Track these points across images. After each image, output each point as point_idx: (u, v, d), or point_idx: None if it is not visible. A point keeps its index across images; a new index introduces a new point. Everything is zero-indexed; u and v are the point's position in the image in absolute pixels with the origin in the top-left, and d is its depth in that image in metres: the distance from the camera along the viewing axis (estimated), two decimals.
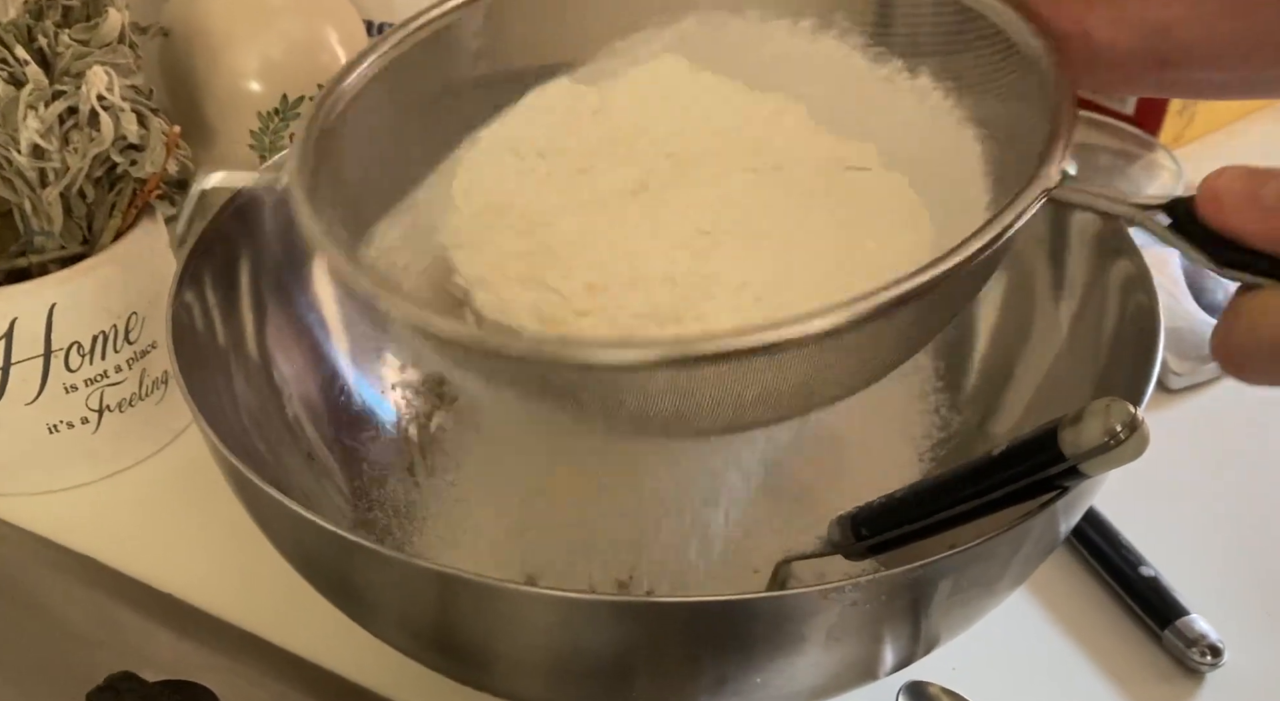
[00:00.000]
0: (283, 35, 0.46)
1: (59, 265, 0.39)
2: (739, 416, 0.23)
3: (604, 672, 0.26)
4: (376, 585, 0.27)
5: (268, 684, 0.34)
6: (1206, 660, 0.34)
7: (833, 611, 0.23)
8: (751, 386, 0.22)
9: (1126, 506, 0.38)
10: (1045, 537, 0.26)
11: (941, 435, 0.37)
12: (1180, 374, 0.44)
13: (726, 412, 0.23)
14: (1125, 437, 0.22)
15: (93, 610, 0.37)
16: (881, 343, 0.23)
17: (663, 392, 0.22)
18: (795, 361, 0.22)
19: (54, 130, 0.37)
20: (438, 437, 0.39)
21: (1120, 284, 0.32)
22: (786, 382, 0.22)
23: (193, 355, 0.32)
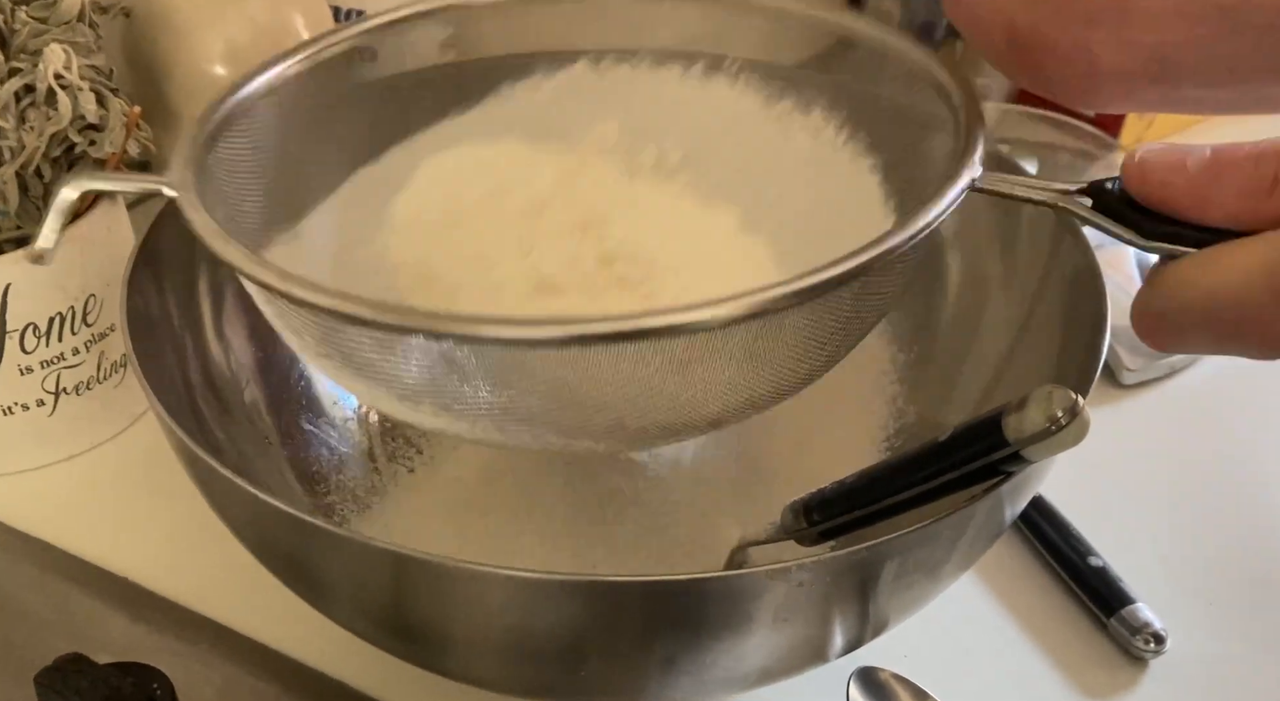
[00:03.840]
0: (248, 19, 0.46)
1: (14, 245, 0.38)
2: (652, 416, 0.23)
3: (555, 653, 0.26)
4: (331, 567, 0.27)
5: (221, 667, 0.33)
6: (1150, 647, 0.35)
7: (779, 591, 0.23)
8: (671, 380, 0.22)
9: (1077, 498, 0.39)
10: (990, 522, 0.27)
11: (897, 425, 0.37)
12: (1133, 369, 0.45)
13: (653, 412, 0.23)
14: (1066, 423, 0.22)
15: (44, 593, 0.36)
16: (809, 334, 0.24)
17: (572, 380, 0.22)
18: (717, 351, 0.22)
19: (10, 108, 0.36)
20: (399, 424, 0.39)
21: (1070, 278, 0.33)
22: (708, 377, 0.22)
23: (149, 339, 0.31)
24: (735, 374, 0.23)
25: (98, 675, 0.30)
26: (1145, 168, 0.22)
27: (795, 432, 0.37)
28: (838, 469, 0.29)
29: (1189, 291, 0.21)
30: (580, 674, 0.27)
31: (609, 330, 0.21)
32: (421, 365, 0.23)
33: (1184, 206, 0.21)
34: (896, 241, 0.22)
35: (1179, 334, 0.22)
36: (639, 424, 0.24)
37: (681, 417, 0.24)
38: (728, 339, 0.22)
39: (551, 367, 0.22)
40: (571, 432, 0.24)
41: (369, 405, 0.26)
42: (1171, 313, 0.22)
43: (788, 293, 0.21)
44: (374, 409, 0.26)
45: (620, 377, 0.22)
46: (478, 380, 0.23)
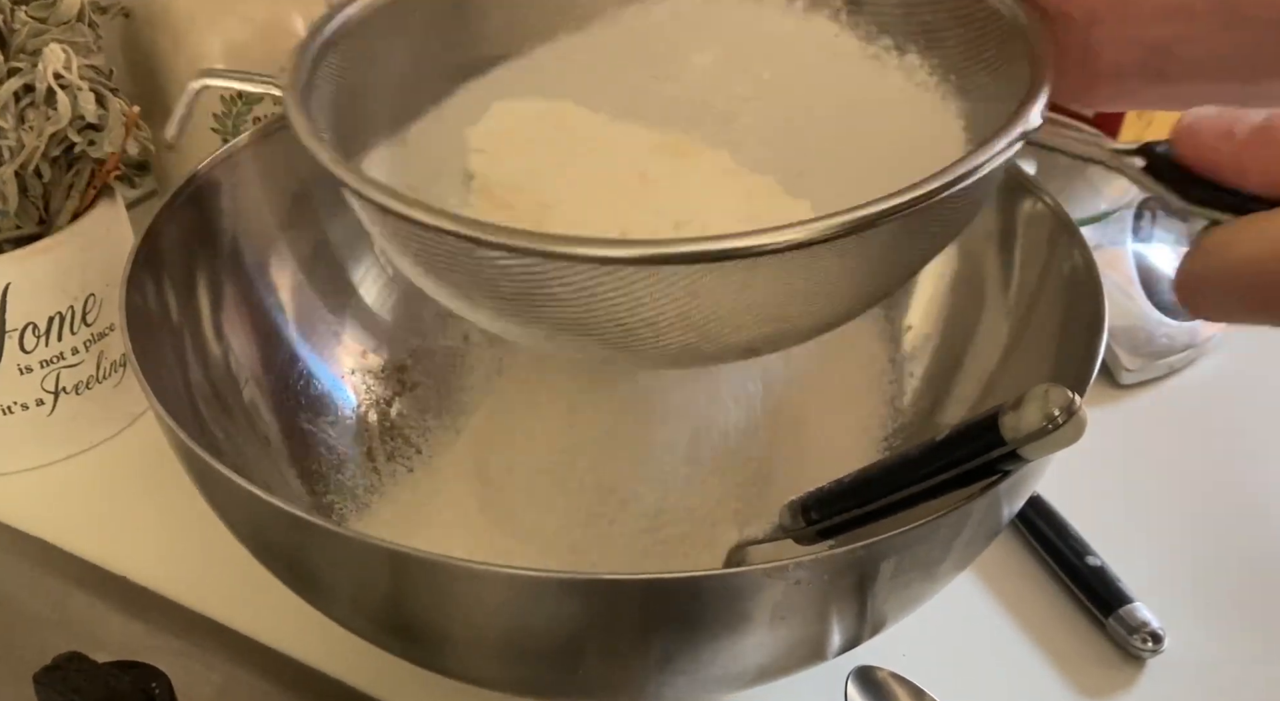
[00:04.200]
0: (246, 18, 0.46)
1: (14, 245, 0.38)
2: (706, 335, 0.24)
3: (553, 651, 0.26)
4: (330, 565, 0.27)
5: (220, 666, 0.33)
6: (1148, 647, 0.35)
7: (777, 590, 0.24)
8: (724, 298, 0.23)
9: (1075, 497, 0.39)
10: (988, 521, 0.27)
11: (895, 424, 0.37)
12: (1132, 370, 0.45)
13: (694, 330, 0.23)
14: (1063, 422, 0.22)
15: (43, 592, 0.36)
16: (859, 264, 0.24)
17: (637, 297, 0.23)
18: (770, 273, 0.22)
19: (9, 108, 0.36)
20: (397, 423, 0.39)
21: (1068, 277, 0.33)
22: (757, 298, 0.23)
23: (148, 338, 0.31)
24: (781, 299, 0.24)
25: (96, 674, 0.30)
26: (1194, 132, 0.22)
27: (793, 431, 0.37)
28: (835, 468, 0.29)
29: (1228, 257, 0.21)
30: (578, 672, 0.27)
31: (700, 249, 0.21)
32: (499, 278, 0.24)
33: (1228, 172, 0.21)
34: (942, 182, 0.22)
35: (1214, 301, 0.22)
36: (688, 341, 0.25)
37: (726, 343, 0.25)
38: (791, 261, 0.23)
39: (623, 285, 0.23)
40: (619, 347, 0.25)
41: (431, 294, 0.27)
42: (1211, 277, 0.21)
43: (836, 224, 0.21)
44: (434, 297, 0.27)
45: (687, 296, 0.23)
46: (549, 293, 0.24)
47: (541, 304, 0.24)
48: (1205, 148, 0.22)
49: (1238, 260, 0.21)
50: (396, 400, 0.40)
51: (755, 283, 0.23)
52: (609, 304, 0.23)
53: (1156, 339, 0.45)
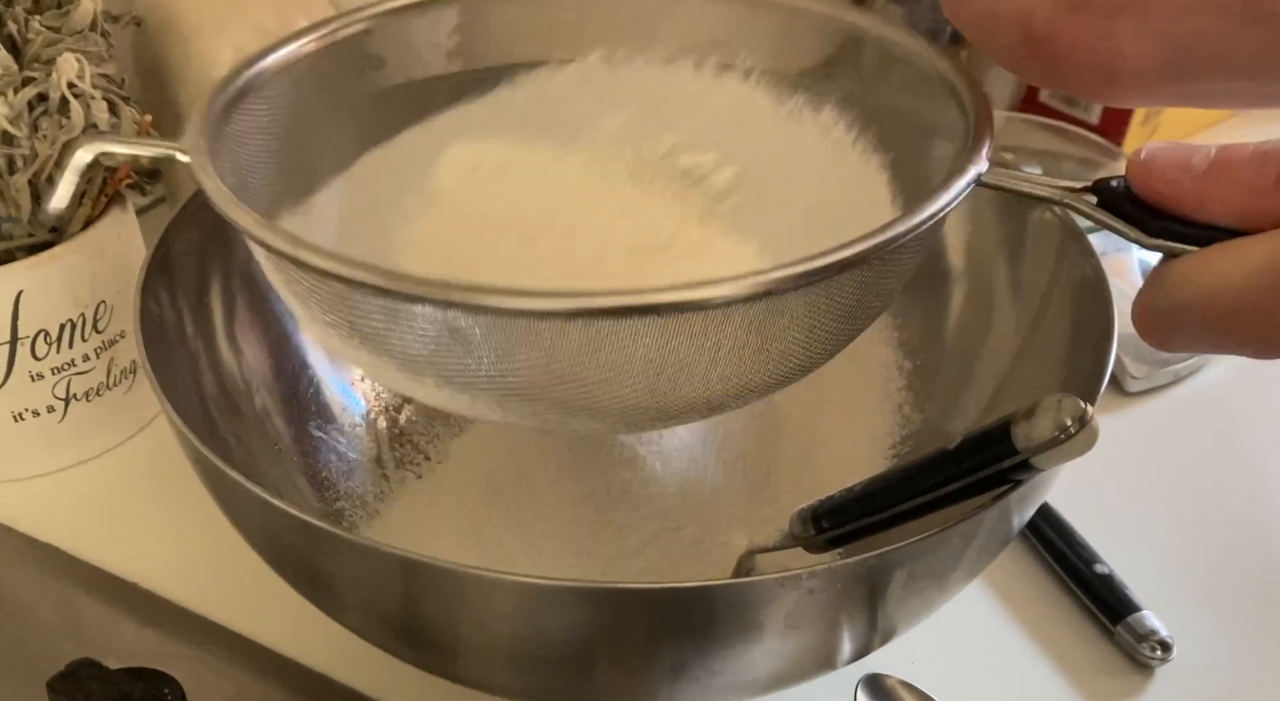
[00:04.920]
0: (255, 26, 0.46)
1: (26, 252, 0.38)
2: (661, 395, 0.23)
3: (565, 659, 0.26)
4: (342, 572, 0.27)
5: (232, 673, 0.34)
6: (1156, 655, 0.35)
7: (789, 599, 0.24)
8: (672, 358, 0.22)
9: (1083, 505, 0.39)
10: (999, 530, 0.27)
11: (904, 432, 0.37)
12: (1137, 377, 0.45)
13: (644, 391, 0.23)
14: (1075, 432, 0.22)
15: (55, 599, 0.37)
16: (812, 318, 0.24)
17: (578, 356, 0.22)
18: (714, 330, 0.22)
19: (23, 117, 0.36)
20: (406, 430, 0.39)
21: (1077, 286, 0.33)
22: (710, 357, 0.23)
23: (161, 344, 0.32)
24: (733, 357, 0.23)
25: (109, 680, 0.30)
26: (1150, 165, 0.22)
27: (802, 439, 0.37)
28: (844, 476, 0.29)
29: (1190, 289, 0.21)
30: (590, 680, 0.27)
31: (614, 304, 0.21)
32: (426, 336, 0.23)
33: (1188, 204, 0.21)
34: (900, 230, 0.22)
35: (1180, 332, 0.22)
36: (638, 403, 0.24)
37: (681, 398, 0.24)
38: (728, 319, 0.22)
39: (553, 342, 0.22)
40: (570, 410, 0.24)
41: (371, 377, 0.26)
42: (1173, 310, 0.22)
43: (789, 275, 0.21)
44: (375, 380, 0.26)
45: (620, 355, 0.22)
46: (481, 352, 0.23)
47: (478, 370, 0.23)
48: (1164, 181, 0.22)
49: (1206, 290, 0.21)
50: (405, 407, 0.40)
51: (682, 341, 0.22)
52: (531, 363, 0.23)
53: None
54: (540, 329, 0.22)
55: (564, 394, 0.24)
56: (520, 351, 0.23)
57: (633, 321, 0.22)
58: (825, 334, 0.24)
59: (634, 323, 0.22)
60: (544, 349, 0.22)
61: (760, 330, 0.23)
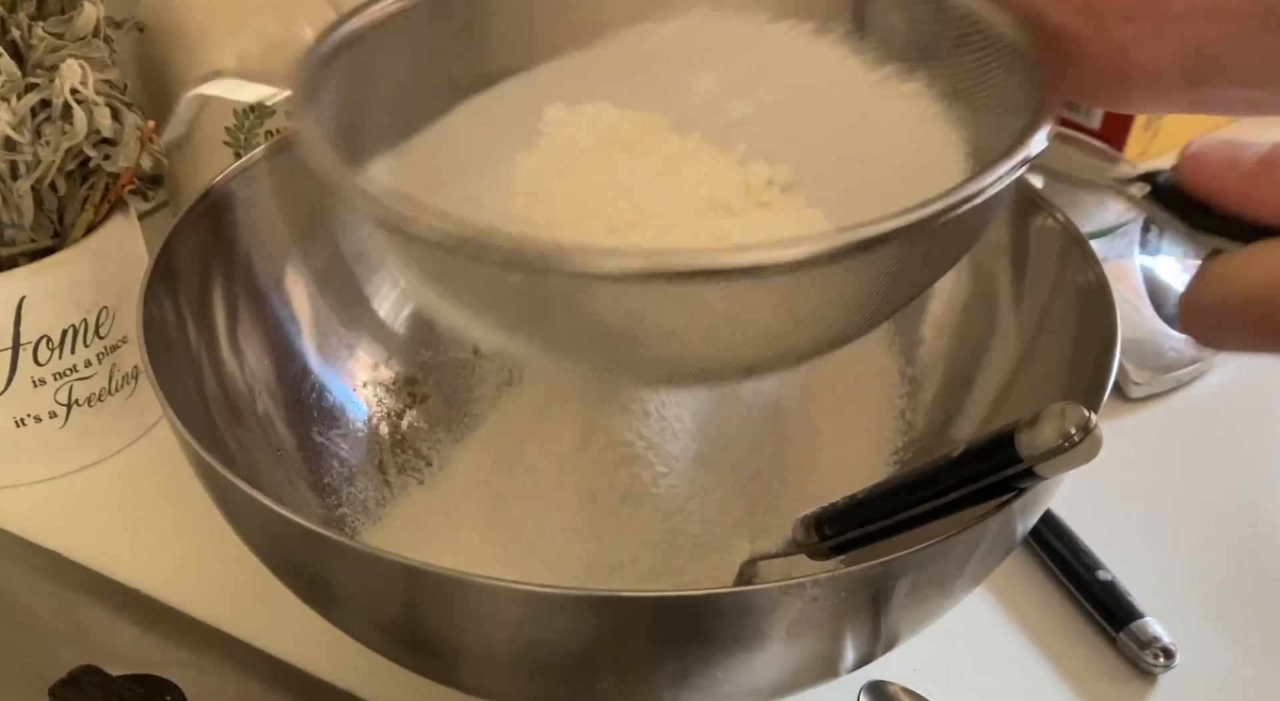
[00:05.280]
0: (258, 32, 0.46)
1: (29, 258, 0.38)
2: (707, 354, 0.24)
3: (568, 667, 0.26)
4: (344, 579, 0.27)
5: (233, 679, 0.34)
6: (1159, 662, 0.35)
7: (793, 607, 0.24)
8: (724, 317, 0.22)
9: (1085, 512, 0.39)
10: (1002, 538, 0.27)
11: (906, 439, 0.37)
12: (1140, 383, 0.45)
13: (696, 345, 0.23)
14: (1079, 440, 0.22)
15: (57, 605, 0.37)
16: (858, 288, 0.24)
17: (641, 310, 0.22)
18: (770, 292, 0.22)
19: (26, 123, 0.36)
20: (408, 436, 0.39)
21: (1080, 293, 0.33)
22: (758, 318, 0.23)
23: (163, 350, 0.32)
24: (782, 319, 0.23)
25: (111, 687, 0.30)
26: (1200, 160, 0.22)
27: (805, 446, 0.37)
28: (847, 482, 0.29)
29: (1233, 286, 0.21)
30: (593, 688, 0.27)
31: (690, 265, 0.21)
32: (489, 283, 0.24)
33: (1234, 201, 0.21)
34: (946, 204, 0.22)
35: (1223, 330, 0.22)
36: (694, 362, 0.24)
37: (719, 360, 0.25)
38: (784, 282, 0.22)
39: (622, 298, 0.23)
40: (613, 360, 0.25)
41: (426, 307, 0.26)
42: (1215, 307, 0.21)
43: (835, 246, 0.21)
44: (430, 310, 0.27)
45: (686, 312, 0.23)
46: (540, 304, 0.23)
47: (536, 315, 0.24)
48: (1211, 176, 0.22)
49: (1252, 286, 0.21)
50: (407, 412, 0.40)
51: (751, 301, 0.23)
52: (601, 316, 0.23)
53: (1164, 352, 0.45)
54: (610, 289, 0.22)
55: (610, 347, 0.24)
56: (584, 306, 0.23)
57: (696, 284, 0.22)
58: (868, 304, 0.25)
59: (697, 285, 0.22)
60: (611, 304, 0.23)
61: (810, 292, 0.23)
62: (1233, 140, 0.22)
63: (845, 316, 0.25)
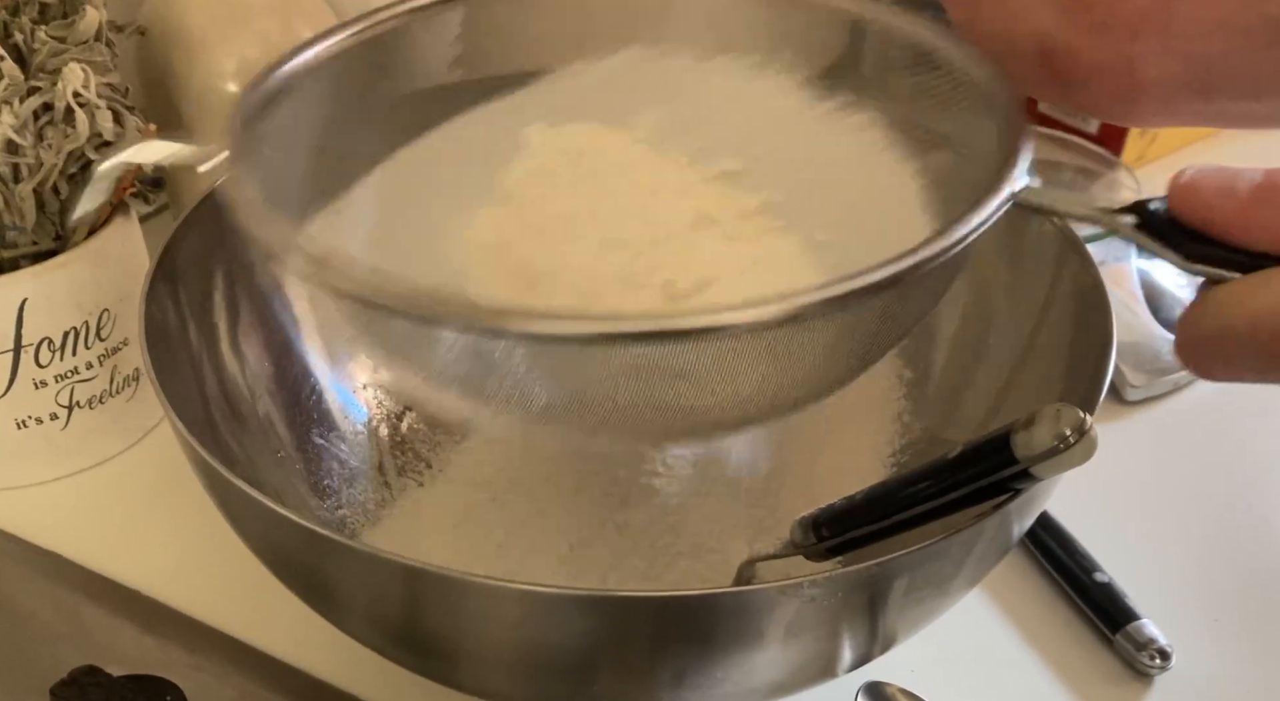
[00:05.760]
0: (260, 36, 0.47)
1: (30, 260, 0.39)
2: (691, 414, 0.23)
3: (567, 667, 0.26)
4: (344, 579, 0.27)
5: (233, 680, 0.34)
6: (1156, 663, 0.35)
7: (791, 607, 0.24)
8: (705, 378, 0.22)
9: (1083, 514, 0.39)
10: (999, 539, 0.27)
11: (904, 441, 0.37)
12: (1137, 386, 0.45)
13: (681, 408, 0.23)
14: (1075, 442, 0.23)
15: (58, 606, 0.37)
16: (843, 339, 0.24)
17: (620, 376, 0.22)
18: (751, 351, 0.22)
19: (28, 126, 0.37)
20: (408, 438, 0.39)
21: (1076, 296, 0.33)
22: (743, 375, 0.23)
23: (164, 352, 0.32)
24: (762, 376, 0.23)
25: (112, 687, 0.30)
26: (1193, 189, 0.22)
27: (803, 448, 0.38)
28: (844, 485, 0.29)
29: (1234, 316, 0.21)
30: (592, 688, 0.27)
31: (639, 329, 0.21)
32: (451, 353, 0.23)
33: (1231, 230, 0.21)
34: (933, 251, 0.21)
35: (1223, 359, 0.21)
36: (660, 424, 0.24)
37: (704, 420, 0.24)
38: (756, 341, 0.22)
39: (580, 362, 0.22)
40: (594, 428, 0.24)
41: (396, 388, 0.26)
42: (1215, 337, 0.21)
43: (820, 300, 0.21)
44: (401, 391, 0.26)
45: (645, 378, 0.22)
46: (505, 371, 0.23)
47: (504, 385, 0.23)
48: (1205, 206, 0.21)
49: (1251, 318, 0.20)
50: (407, 415, 0.40)
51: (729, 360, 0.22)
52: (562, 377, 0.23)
53: (1161, 355, 0.45)
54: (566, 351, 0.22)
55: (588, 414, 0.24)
56: (545, 373, 0.23)
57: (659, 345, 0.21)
58: (852, 352, 0.24)
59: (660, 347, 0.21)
60: (570, 370, 0.22)
61: (787, 350, 0.23)
62: (1225, 168, 0.22)
63: (829, 366, 0.24)
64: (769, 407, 0.25)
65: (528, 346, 0.22)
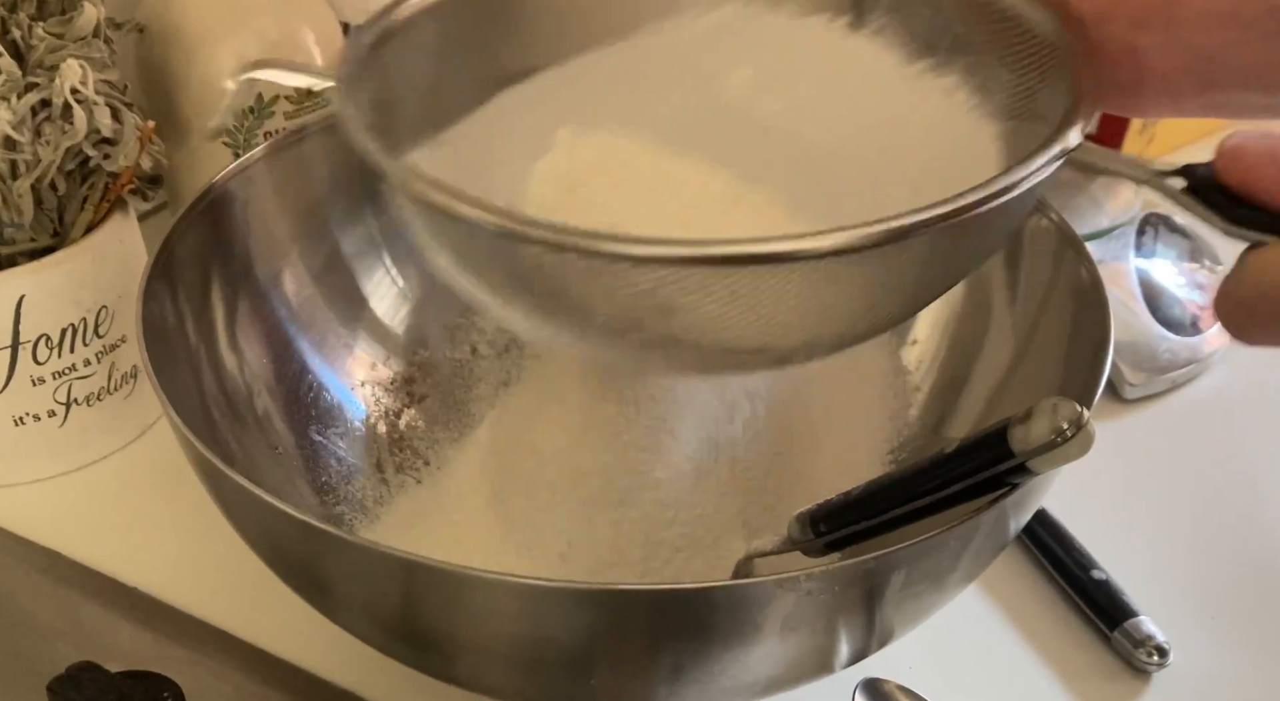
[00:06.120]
0: (259, 34, 0.47)
1: (28, 257, 0.39)
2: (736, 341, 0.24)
3: (565, 661, 0.26)
4: (342, 573, 0.27)
5: (230, 676, 0.34)
6: (1153, 660, 0.35)
7: (788, 601, 0.24)
8: (756, 306, 0.23)
9: (1080, 511, 0.39)
10: (996, 533, 0.27)
11: (902, 437, 0.37)
12: (1135, 384, 0.45)
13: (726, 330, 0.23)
14: (1071, 435, 0.23)
15: (55, 602, 0.37)
16: (894, 277, 0.24)
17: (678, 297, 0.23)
18: (806, 280, 0.22)
19: (26, 122, 0.37)
20: (406, 435, 0.39)
21: (1074, 293, 0.33)
22: (790, 305, 0.23)
23: (162, 348, 0.32)
24: (823, 303, 0.23)
25: (109, 683, 0.30)
26: (1239, 154, 0.22)
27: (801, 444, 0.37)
28: (843, 480, 0.29)
29: (1270, 279, 0.21)
30: (589, 682, 0.27)
31: (731, 252, 0.21)
32: (532, 274, 0.24)
33: (1275, 194, 0.21)
34: (985, 194, 0.22)
35: (1258, 322, 0.22)
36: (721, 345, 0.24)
37: (764, 350, 0.25)
38: (820, 269, 0.22)
39: (660, 286, 0.23)
40: (652, 345, 0.25)
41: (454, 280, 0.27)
42: (1251, 300, 0.21)
43: (882, 230, 0.21)
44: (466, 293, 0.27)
45: (723, 299, 0.23)
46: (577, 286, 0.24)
47: (576, 301, 0.24)
48: (1252, 170, 0.22)
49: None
50: (405, 412, 0.40)
51: (790, 289, 0.23)
52: (636, 302, 0.23)
53: (1159, 354, 0.46)
54: (651, 274, 0.22)
55: (653, 330, 0.24)
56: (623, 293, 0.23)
57: (736, 269, 0.22)
58: (905, 291, 0.25)
59: (736, 271, 0.22)
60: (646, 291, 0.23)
61: (848, 280, 0.23)
62: (1271, 133, 0.22)
63: (878, 307, 0.25)
64: (823, 340, 0.25)
65: (593, 265, 0.23)
